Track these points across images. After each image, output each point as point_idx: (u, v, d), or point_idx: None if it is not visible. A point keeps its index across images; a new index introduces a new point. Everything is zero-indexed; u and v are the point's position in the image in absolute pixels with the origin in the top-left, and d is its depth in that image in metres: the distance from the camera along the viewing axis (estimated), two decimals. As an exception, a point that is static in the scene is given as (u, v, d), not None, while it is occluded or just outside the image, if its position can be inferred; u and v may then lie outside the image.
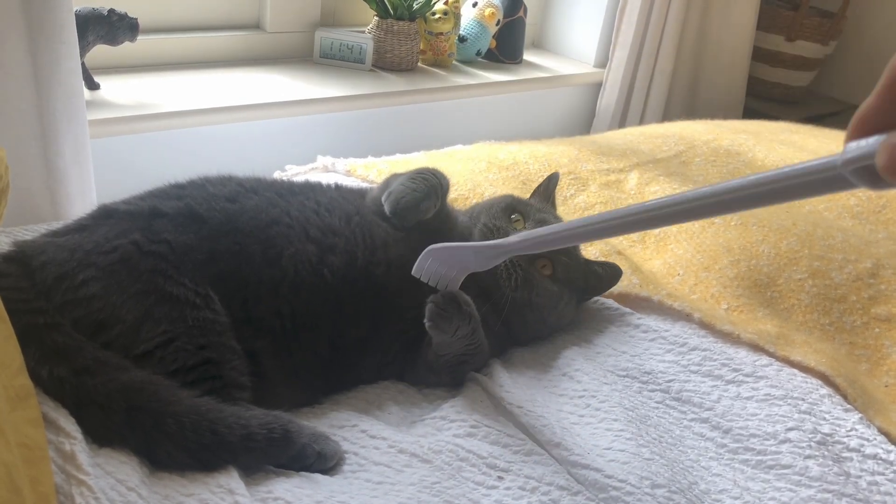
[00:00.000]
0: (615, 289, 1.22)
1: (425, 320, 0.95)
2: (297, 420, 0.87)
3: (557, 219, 1.12)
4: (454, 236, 1.06)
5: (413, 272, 0.88)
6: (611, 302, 1.20)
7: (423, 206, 1.02)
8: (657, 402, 1.02)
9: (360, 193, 1.13)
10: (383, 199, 1.02)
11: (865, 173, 0.36)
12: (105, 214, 0.98)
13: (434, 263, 0.86)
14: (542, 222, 1.08)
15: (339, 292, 0.97)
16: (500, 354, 1.09)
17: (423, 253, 0.84)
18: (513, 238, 0.80)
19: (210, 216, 0.96)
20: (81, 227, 0.96)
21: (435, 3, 2.03)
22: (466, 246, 0.87)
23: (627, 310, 1.19)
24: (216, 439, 0.80)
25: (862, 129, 0.35)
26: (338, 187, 1.13)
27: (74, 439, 0.77)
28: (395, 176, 1.11)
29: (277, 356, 0.93)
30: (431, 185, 1.04)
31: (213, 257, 0.93)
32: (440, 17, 2.04)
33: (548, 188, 1.22)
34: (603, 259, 1.28)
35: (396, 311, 1.00)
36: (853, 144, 0.36)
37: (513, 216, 1.10)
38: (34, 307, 0.85)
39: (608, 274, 1.16)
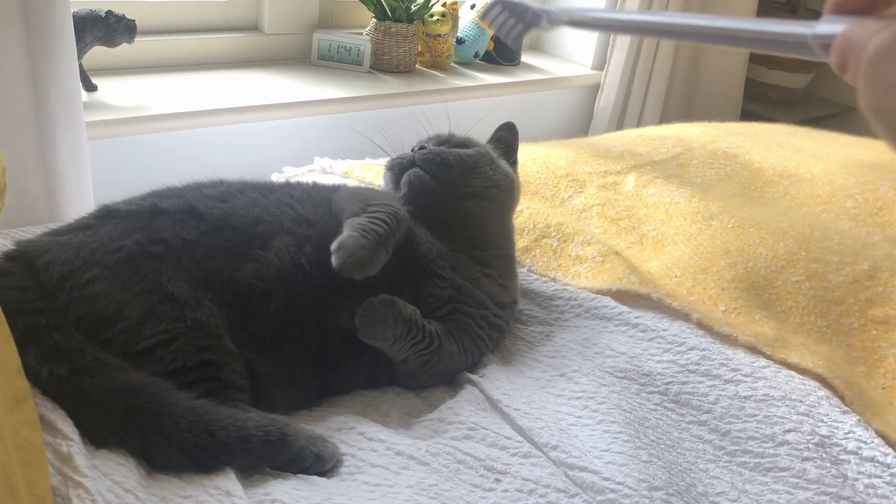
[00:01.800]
0: (613, 286, 1.22)
1: (358, 334, 0.95)
2: (293, 423, 0.87)
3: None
4: (417, 242, 1.07)
5: (482, 18, 0.90)
6: (608, 300, 1.20)
7: (369, 268, 0.96)
8: (655, 404, 1.02)
9: (330, 188, 1.14)
10: (333, 248, 0.95)
11: (829, 50, 0.38)
12: (107, 214, 0.99)
13: (500, 10, 0.85)
14: (429, 140, 1.21)
15: (320, 282, 0.97)
16: (500, 338, 1.12)
17: (491, 1, 0.85)
18: (567, 10, 0.83)
19: (208, 213, 0.99)
20: (84, 226, 0.97)
21: (433, 5, 2.03)
22: (528, 4, 0.85)
23: (625, 308, 1.19)
24: (213, 441, 0.80)
25: (836, 7, 0.36)
26: (313, 183, 1.15)
27: (72, 441, 0.76)
28: (351, 202, 1.06)
29: (270, 357, 0.94)
30: (383, 237, 0.98)
31: (210, 252, 0.94)
32: (438, 20, 2.04)
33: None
34: (601, 258, 1.28)
35: None
36: (827, 19, 0.37)
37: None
38: (37, 307, 0.86)
39: (509, 131, 1.29)
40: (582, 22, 0.97)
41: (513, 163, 1.26)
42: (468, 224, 1.12)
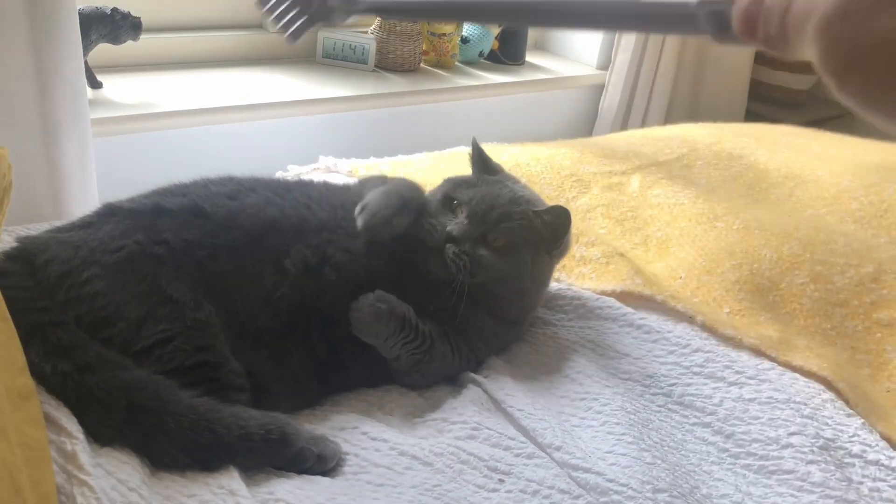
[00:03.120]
0: (617, 287, 1.22)
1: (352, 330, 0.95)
2: (295, 423, 0.87)
3: (492, 184, 1.09)
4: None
5: (260, 4, 0.77)
6: (612, 301, 1.20)
7: (395, 223, 1.00)
8: (659, 406, 1.02)
9: (344, 189, 1.13)
10: (356, 212, 1.00)
11: (715, 21, 0.37)
12: (109, 212, 0.98)
13: (284, 2, 0.76)
14: (470, 201, 1.05)
15: (335, 288, 0.97)
16: (503, 348, 1.09)
17: None
18: None
19: (214, 211, 0.98)
20: (86, 224, 0.97)
21: (438, 4, 2.02)
22: None
23: (629, 309, 1.18)
24: (214, 439, 0.80)
25: None
26: (325, 183, 1.14)
27: (76, 439, 0.77)
28: (372, 180, 1.11)
29: (275, 361, 0.93)
30: (404, 200, 1.03)
31: (215, 253, 0.94)
32: (443, 18, 2.04)
33: (476, 157, 1.17)
34: (605, 259, 1.28)
35: None
36: None
37: (454, 203, 1.06)
38: (39, 306, 0.86)
39: (557, 217, 1.07)
40: (380, 8, 0.85)
41: (556, 248, 1.11)
42: (487, 299, 1.06)
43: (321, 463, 0.85)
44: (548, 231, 1.07)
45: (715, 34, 0.37)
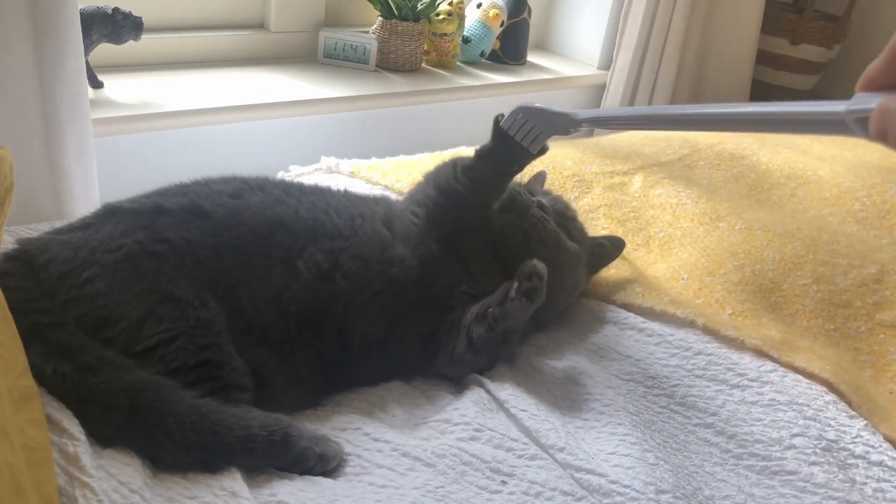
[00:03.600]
0: (618, 297, 1.22)
1: (515, 293, 0.96)
2: (297, 423, 0.86)
3: (558, 199, 1.24)
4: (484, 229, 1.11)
5: (502, 124, 1.00)
6: (614, 306, 1.20)
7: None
8: (662, 407, 1.02)
9: (364, 199, 1.13)
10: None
11: (864, 124, 0.42)
12: (109, 213, 0.98)
13: (523, 118, 0.97)
14: (547, 195, 1.20)
15: (352, 295, 0.97)
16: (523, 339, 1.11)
17: (514, 108, 0.98)
18: (588, 112, 0.93)
19: (214, 210, 0.97)
20: (86, 224, 0.97)
21: (439, 4, 2.02)
22: (552, 109, 0.98)
23: (631, 313, 1.19)
24: (216, 440, 0.80)
25: (868, 85, 0.42)
26: (345, 191, 1.14)
27: (78, 441, 0.76)
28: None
29: (279, 359, 0.93)
30: None
31: (217, 252, 0.93)
32: (444, 18, 2.04)
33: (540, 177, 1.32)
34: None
35: (414, 308, 1.01)
36: (860, 96, 0.42)
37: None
38: (39, 306, 0.86)
39: (613, 244, 1.25)
40: (605, 121, 1.13)
41: (596, 272, 1.25)
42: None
43: (323, 463, 0.85)
44: (597, 252, 1.22)
45: (865, 136, 0.43)
